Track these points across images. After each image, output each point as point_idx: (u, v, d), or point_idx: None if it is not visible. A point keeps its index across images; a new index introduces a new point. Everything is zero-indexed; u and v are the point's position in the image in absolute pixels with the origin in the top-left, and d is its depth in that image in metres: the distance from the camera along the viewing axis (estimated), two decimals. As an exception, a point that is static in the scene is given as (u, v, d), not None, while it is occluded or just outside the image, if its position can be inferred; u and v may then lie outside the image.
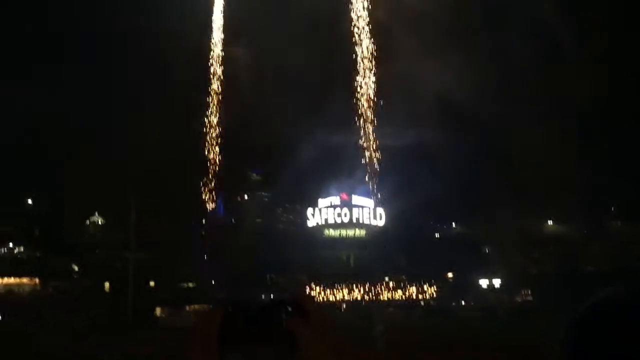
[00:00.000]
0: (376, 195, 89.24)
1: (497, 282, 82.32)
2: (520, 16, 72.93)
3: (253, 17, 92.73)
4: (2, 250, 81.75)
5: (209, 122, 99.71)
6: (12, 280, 75.11)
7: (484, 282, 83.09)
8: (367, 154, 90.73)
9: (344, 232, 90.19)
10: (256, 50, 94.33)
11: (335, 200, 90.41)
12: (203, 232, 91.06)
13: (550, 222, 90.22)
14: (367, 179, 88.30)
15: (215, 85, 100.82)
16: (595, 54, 70.19)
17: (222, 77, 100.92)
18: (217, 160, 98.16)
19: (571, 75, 71.26)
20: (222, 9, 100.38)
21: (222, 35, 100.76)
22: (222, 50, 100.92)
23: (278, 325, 1.51)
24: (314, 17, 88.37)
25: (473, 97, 70.64)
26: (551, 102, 74.41)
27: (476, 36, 71.38)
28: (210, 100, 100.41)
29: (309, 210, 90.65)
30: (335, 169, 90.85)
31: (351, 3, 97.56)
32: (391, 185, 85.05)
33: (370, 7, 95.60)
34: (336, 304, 76.04)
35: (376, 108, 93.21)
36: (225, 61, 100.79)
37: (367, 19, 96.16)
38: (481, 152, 67.19)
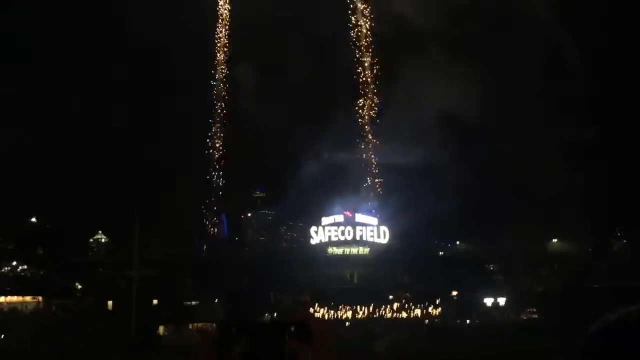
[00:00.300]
0: (380, 213, 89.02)
1: (502, 301, 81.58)
2: (523, 30, 73.16)
3: (255, 39, 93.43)
4: (6, 269, 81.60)
5: (213, 141, 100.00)
6: (15, 298, 74.84)
7: (489, 301, 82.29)
8: (370, 172, 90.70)
9: (347, 250, 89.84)
10: (259, 69, 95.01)
11: (339, 218, 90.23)
12: (206, 250, 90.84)
13: (555, 240, 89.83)
14: (371, 197, 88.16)
15: (219, 106, 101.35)
16: (600, 70, 70.52)
17: (225, 97, 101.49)
18: (222, 179, 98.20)
19: (576, 92, 71.60)
20: (225, 30, 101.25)
21: (224, 57, 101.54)
22: (225, 71, 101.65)
23: (280, 347, 1.47)
24: (316, 37, 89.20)
25: (476, 114, 70.85)
26: (555, 119, 74.46)
27: (478, 53, 71.65)
28: (214, 120, 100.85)
29: (313, 228, 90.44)
30: (339, 187, 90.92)
31: (353, 23, 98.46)
32: (395, 203, 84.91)
33: (371, 25, 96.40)
34: (340, 322, 75.44)
35: (379, 126, 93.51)
36: (228, 82, 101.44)
37: (369, 38, 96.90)
38: (485, 170, 67.05)
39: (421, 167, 75.70)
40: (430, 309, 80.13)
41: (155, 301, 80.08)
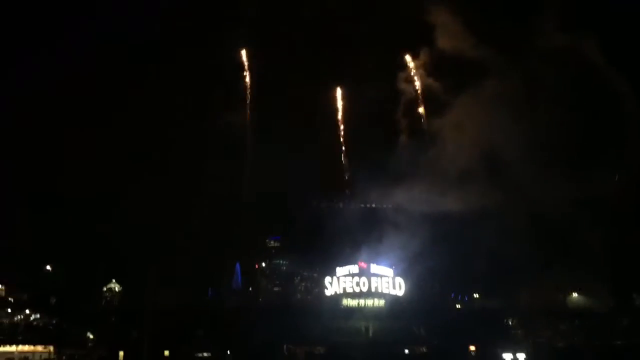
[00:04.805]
0: (396, 264, 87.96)
1: (521, 356, 79.51)
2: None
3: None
4: (18, 317, 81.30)
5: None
6: (26, 347, 74.26)
7: (508, 356, 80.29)
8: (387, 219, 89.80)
9: (362, 302, 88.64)
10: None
11: (354, 269, 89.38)
12: (220, 300, 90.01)
13: (575, 295, 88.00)
14: (387, 247, 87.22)
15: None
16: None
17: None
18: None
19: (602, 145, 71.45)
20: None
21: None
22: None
23: None
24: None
25: (493, 166, 70.60)
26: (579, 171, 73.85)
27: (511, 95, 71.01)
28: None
29: (327, 279, 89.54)
30: (354, 237, 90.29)
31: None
32: (411, 255, 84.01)
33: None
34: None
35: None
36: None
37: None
38: (503, 222, 66.36)
39: (438, 219, 75.00)
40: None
41: (166, 352, 79.01)
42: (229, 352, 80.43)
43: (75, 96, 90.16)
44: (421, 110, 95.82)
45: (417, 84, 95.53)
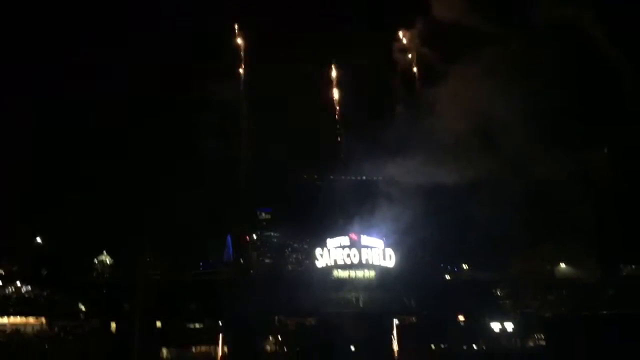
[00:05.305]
0: (386, 235, 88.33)
1: (509, 326, 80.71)
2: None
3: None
4: (9, 289, 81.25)
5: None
6: (18, 319, 74.37)
7: (495, 326, 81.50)
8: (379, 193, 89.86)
9: (352, 273, 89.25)
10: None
11: (345, 240, 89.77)
12: (212, 272, 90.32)
13: (563, 265, 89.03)
14: (378, 219, 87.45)
15: None
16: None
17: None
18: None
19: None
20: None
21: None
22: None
23: None
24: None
25: (486, 138, 70.59)
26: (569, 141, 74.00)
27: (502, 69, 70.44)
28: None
29: (318, 251, 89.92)
30: (346, 209, 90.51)
31: None
32: (402, 227, 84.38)
33: None
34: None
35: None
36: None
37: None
38: (493, 195, 66.64)
39: (430, 191, 75.19)
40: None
41: (158, 323, 79.47)
42: (220, 323, 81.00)
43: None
44: (415, 80, 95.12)
45: (410, 55, 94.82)
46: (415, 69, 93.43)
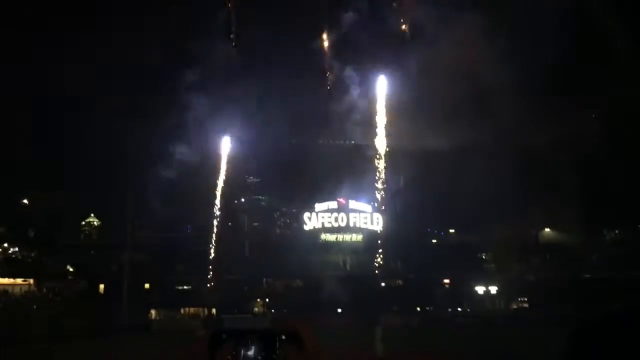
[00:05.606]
0: (375, 200, 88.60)
1: (493, 289, 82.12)
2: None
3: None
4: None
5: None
6: (5, 280, 74.55)
7: (480, 289, 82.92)
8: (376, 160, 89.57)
9: (340, 237, 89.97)
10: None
11: (333, 204, 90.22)
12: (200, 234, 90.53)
13: (547, 230, 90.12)
14: (367, 184, 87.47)
15: None
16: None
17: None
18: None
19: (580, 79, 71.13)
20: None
21: None
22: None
23: (272, 354, 1.53)
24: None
25: (474, 102, 70.37)
26: (552, 109, 74.09)
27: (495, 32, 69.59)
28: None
29: (306, 214, 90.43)
30: (334, 173, 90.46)
31: None
32: (389, 191, 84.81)
33: None
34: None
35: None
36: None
37: None
38: (479, 159, 66.80)
39: (417, 156, 75.16)
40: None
41: (147, 285, 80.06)
42: (208, 285, 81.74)
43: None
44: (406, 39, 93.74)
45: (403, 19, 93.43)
46: (405, 26, 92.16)
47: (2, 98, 75.82)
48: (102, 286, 79.59)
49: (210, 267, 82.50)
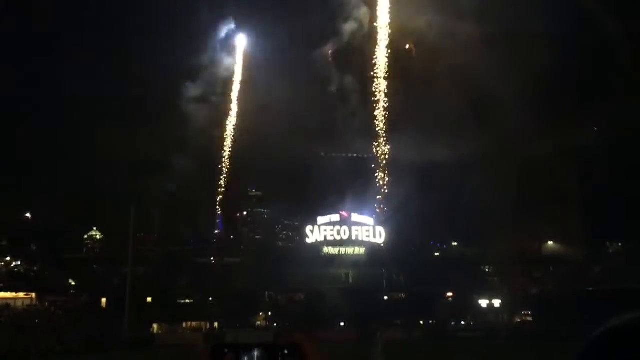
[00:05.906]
0: (378, 214, 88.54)
1: (497, 302, 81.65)
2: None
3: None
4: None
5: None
6: (8, 294, 74.37)
7: (483, 302, 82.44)
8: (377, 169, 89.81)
9: (342, 250, 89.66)
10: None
11: (335, 217, 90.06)
12: (202, 248, 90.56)
13: (550, 242, 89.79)
14: (369, 197, 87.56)
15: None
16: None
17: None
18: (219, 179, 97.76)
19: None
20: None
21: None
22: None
23: None
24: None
25: (476, 115, 70.53)
26: (553, 121, 74.16)
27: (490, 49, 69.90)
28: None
29: (308, 228, 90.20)
30: (337, 187, 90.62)
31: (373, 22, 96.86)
32: (392, 204, 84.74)
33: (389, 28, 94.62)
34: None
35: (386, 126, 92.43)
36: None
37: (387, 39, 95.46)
38: (482, 171, 66.83)
39: (420, 169, 75.31)
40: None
41: (149, 299, 79.74)
42: (210, 299, 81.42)
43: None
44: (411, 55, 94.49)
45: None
46: (409, 45, 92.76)
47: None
48: (104, 300, 79.28)
49: (212, 280, 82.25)
